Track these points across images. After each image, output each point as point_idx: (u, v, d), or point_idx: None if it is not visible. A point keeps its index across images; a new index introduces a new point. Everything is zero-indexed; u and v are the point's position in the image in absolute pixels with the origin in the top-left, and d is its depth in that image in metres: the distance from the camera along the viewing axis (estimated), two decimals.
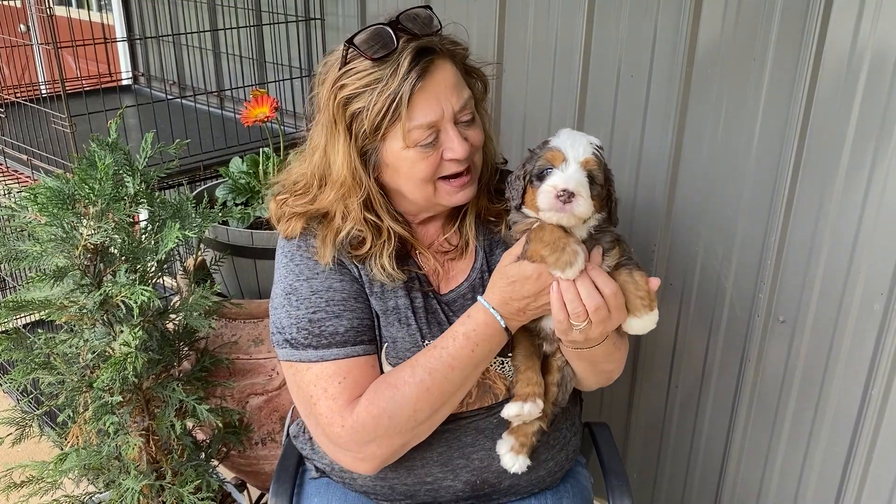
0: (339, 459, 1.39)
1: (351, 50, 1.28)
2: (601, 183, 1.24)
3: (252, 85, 2.79)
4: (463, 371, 1.33)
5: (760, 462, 2.00)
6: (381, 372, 1.40)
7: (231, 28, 2.90)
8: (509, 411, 1.36)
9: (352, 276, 1.40)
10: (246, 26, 2.86)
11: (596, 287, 1.22)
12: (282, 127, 2.30)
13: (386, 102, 1.25)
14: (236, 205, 2.11)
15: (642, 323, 1.27)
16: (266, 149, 2.18)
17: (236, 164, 2.19)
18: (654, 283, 1.27)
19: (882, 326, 1.69)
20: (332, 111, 1.31)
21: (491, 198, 1.47)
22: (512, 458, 1.41)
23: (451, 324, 1.38)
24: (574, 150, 1.22)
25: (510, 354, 1.42)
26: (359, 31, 1.28)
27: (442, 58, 1.30)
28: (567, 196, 1.18)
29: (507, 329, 1.32)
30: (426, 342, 1.39)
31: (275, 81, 2.73)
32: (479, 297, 1.33)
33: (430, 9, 1.34)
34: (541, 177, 1.23)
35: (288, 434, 1.68)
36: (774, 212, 1.79)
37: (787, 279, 1.81)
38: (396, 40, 1.26)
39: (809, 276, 1.77)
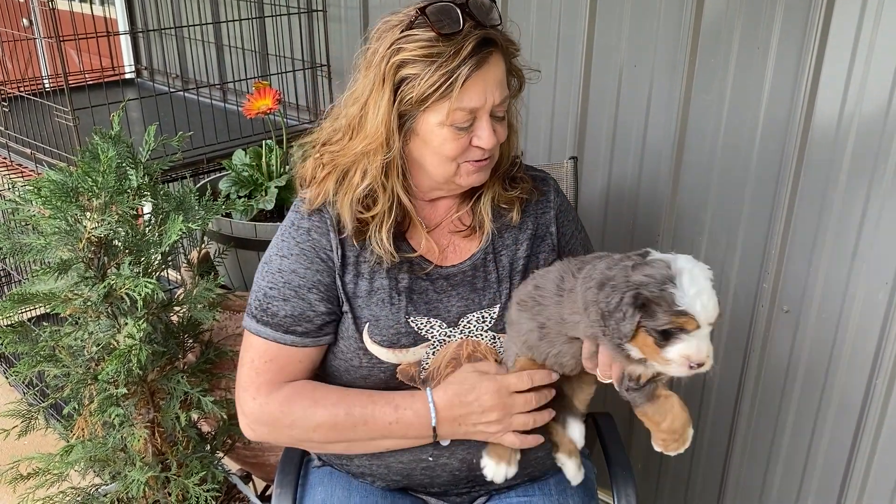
0: (238, 414, 1.47)
1: (419, 17, 1.30)
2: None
3: (254, 77, 2.78)
4: (372, 433, 1.39)
5: (764, 452, 2.00)
6: (365, 350, 1.41)
7: (233, 20, 2.89)
8: (570, 470, 1.45)
9: (323, 266, 1.42)
10: (248, 18, 2.85)
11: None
12: (284, 119, 2.30)
13: (441, 78, 1.28)
14: (239, 197, 2.11)
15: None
16: (269, 141, 2.18)
17: (239, 157, 2.19)
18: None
19: (886, 316, 1.68)
20: (384, 70, 1.33)
21: (504, 186, 1.51)
22: (493, 468, 1.42)
23: (439, 302, 1.43)
24: (705, 313, 1.13)
25: (502, 337, 1.44)
26: (430, 3, 1.30)
27: (498, 52, 1.34)
28: (698, 366, 1.16)
29: (435, 431, 1.37)
30: (410, 319, 1.41)
31: (277, 73, 2.73)
32: (427, 391, 1.39)
33: (494, 1, 1.36)
34: (666, 335, 1.14)
35: None
36: (778, 201, 1.78)
37: (792, 269, 1.81)
38: (462, 22, 1.29)
39: (814, 266, 1.77)
